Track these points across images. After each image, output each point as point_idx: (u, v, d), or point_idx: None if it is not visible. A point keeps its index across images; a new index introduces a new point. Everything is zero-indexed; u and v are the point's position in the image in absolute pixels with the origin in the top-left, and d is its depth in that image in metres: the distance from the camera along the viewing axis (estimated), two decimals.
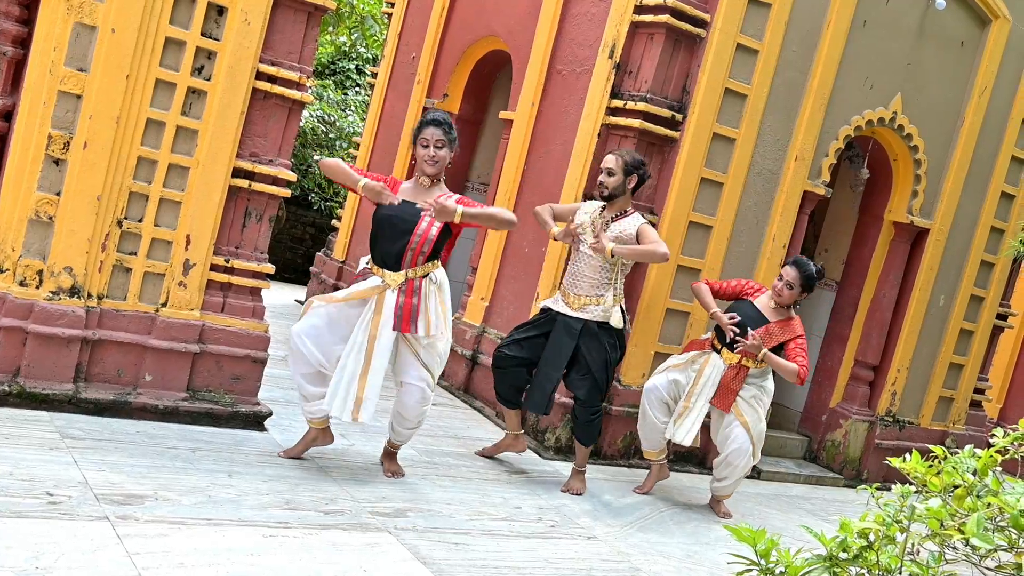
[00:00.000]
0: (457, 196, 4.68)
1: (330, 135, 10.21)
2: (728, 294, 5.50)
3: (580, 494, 5.27)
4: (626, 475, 5.72)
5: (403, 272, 4.56)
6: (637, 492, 5.51)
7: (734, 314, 5.30)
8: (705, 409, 5.30)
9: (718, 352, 5.33)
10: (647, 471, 5.68)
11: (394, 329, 4.52)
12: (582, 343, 5.14)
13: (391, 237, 4.57)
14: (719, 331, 5.38)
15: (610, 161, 5.13)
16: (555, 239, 5.27)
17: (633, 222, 5.19)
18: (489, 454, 5.52)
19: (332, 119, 9.94)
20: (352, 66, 11.24)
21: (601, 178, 5.16)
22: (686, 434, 5.26)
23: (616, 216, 5.19)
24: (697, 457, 6.31)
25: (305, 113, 8.53)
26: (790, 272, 5.32)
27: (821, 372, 7.22)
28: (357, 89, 11.01)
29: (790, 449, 7.11)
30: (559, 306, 5.24)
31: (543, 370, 5.17)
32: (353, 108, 10.39)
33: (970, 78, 6.86)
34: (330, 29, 11.32)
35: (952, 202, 7.01)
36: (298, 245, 11.52)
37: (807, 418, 7.27)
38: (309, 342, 4.53)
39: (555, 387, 5.22)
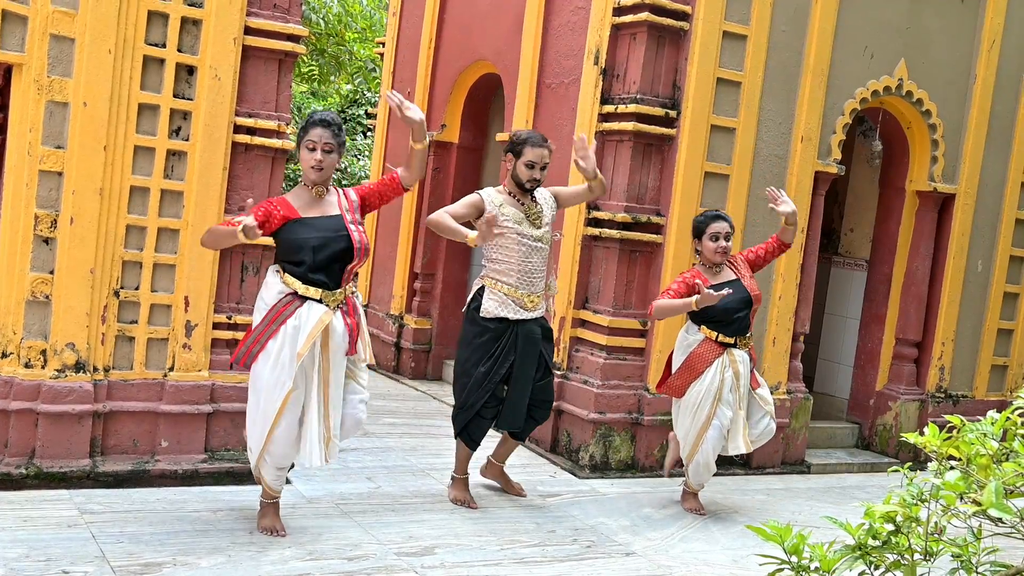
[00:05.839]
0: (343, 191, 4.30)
1: (343, 182, 10.24)
2: (683, 296, 4.95)
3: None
4: (667, 485, 5.53)
5: (343, 290, 4.14)
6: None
7: (723, 290, 4.80)
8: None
9: (734, 346, 5.09)
10: (684, 477, 5.40)
11: (348, 354, 4.14)
12: (542, 345, 4.95)
13: (334, 255, 4.07)
14: (717, 327, 5.00)
15: (545, 155, 4.80)
16: (478, 243, 4.54)
17: (544, 194, 4.96)
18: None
19: (343, 165, 9.95)
20: (362, 111, 11.28)
21: (535, 175, 4.77)
22: (743, 440, 5.07)
23: (533, 198, 4.90)
24: (742, 457, 6.08)
25: None
26: (721, 225, 5.01)
27: (862, 355, 6.95)
28: (367, 133, 11.03)
29: (840, 438, 6.83)
30: (518, 313, 4.84)
31: (520, 387, 4.89)
32: (367, 153, 10.40)
33: (976, 33, 6.61)
34: (332, 79, 11.41)
35: (975, 163, 6.72)
36: None
37: (854, 404, 6.99)
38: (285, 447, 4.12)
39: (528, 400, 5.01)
